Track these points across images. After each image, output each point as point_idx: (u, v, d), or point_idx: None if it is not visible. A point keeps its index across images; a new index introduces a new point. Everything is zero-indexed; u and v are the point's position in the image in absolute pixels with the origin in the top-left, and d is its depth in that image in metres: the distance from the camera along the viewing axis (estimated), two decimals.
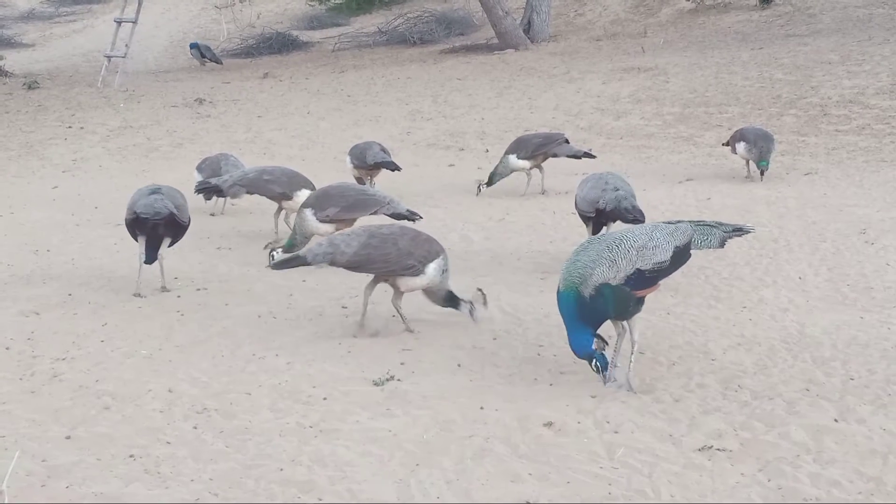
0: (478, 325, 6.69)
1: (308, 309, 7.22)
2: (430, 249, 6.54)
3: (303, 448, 4.91)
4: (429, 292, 6.66)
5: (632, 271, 5.43)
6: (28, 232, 9.88)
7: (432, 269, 6.50)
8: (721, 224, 5.97)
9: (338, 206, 8.08)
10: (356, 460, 4.77)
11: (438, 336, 6.55)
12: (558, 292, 5.56)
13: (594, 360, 5.48)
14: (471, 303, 6.67)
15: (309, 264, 6.59)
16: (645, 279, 5.51)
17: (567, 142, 11.43)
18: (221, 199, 10.85)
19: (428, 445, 4.92)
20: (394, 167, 11.11)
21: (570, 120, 15.90)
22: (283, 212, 9.37)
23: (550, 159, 11.50)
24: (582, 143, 14.54)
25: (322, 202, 8.12)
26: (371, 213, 8.22)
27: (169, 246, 7.76)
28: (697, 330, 6.61)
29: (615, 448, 4.85)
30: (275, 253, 8.08)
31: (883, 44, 17.62)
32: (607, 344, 5.57)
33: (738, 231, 5.95)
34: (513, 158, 11.22)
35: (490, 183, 11.36)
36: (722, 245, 5.88)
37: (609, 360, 5.60)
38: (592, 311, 5.46)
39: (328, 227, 8.05)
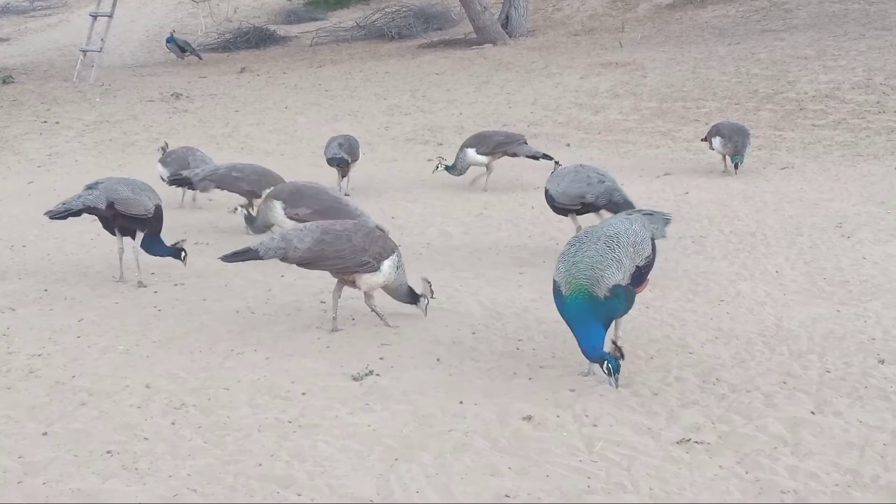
0: (455, 320, 6.69)
1: (286, 304, 7.20)
2: (384, 246, 6.52)
3: (282, 443, 4.89)
4: (389, 289, 6.64)
5: (633, 269, 5.47)
6: (3, 227, 9.80)
7: (387, 265, 6.48)
8: (652, 211, 6.14)
9: (310, 208, 8.06)
10: (335, 455, 4.76)
11: (417, 331, 6.54)
12: (562, 296, 5.44)
13: (606, 363, 5.34)
14: (424, 296, 6.70)
15: (261, 258, 6.52)
16: (640, 275, 5.59)
17: (526, 143, 11.44)
18: (190, 193, 10.84)
19: (407, 440, 4.91)
20: (341, 163, 11.15)
21: (548, 115, 15.92)
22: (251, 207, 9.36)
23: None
24: (560, 138, 14.60)
25: (295, 199, 8.11)
26: None
27: (147, 236, 7.74)
28: (675, 323, 6.63)
29: (594, 441, 4.86)
30: (245, 212, 8.28)
31: (858, 39, 17.73)
32: (622, 356, 5.39)
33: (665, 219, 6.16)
34: (471, 152, 11.30)
35: (448, 170, 11.38)
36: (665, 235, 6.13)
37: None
38: (606, 312, 5.42)
39: (293, 224, 8.07)
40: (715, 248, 8.58)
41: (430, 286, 6.71)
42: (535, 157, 11.42)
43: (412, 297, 6.73)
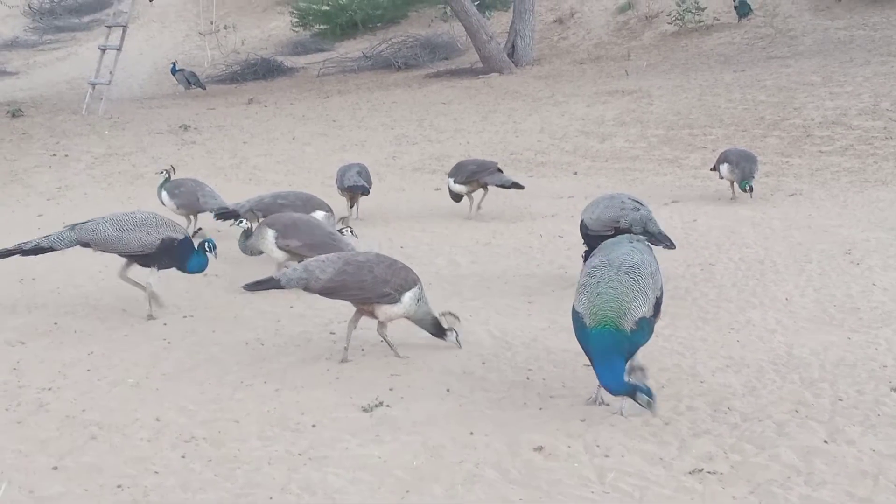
0: (465, 350, 6.69)
1: (296, 335, 7.20)
2: (406, 278, 6.53)
3: (292, 476, 4.88)
4: (416, 320, 6.64)
5: (654, 300, 5.45)
6: (13, 260, 9.78)
7: (408, 297, 6.49)
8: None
9: (301, 241, 8.11)
10: (346, 488, 4.74)
11: (427, 361, 6.53)
12: (586, 328, 5.33)
13: (640, 394, 5.21)
14: (453, 330, 6.69)
15: (283, 287, 6.60)
16: (658, 306, 5.56)
17: (500, 171, 11.43)
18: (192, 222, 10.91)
19: (418, 472, 4.90)
20: (364, 191, 11.31)
21: (555, 143, 15.95)
22: None
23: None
24: (567, 166, 14.61)
25: (288, 230, 8.16)
26: None
27: (159, 269, 7.78)
28: (685, 352, 6.61)
29: (606, 472, 4.83)
30: (246, 226, 8.36)
31: (864, 65, 17.76)
32: (645, 368, 5.33)
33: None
34: (451, 182, 11.35)
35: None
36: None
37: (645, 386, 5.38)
38: (630, 346, 5.34)
39: (281, 255, 8.12)
40: (724, 275, 8.57)
41: (455, 316, 6.68)
42: (504, 186, 11.33)
43: (438, 330, 6.71)
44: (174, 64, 24.98)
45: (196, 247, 7.83)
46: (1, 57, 32.42)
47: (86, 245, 7.75)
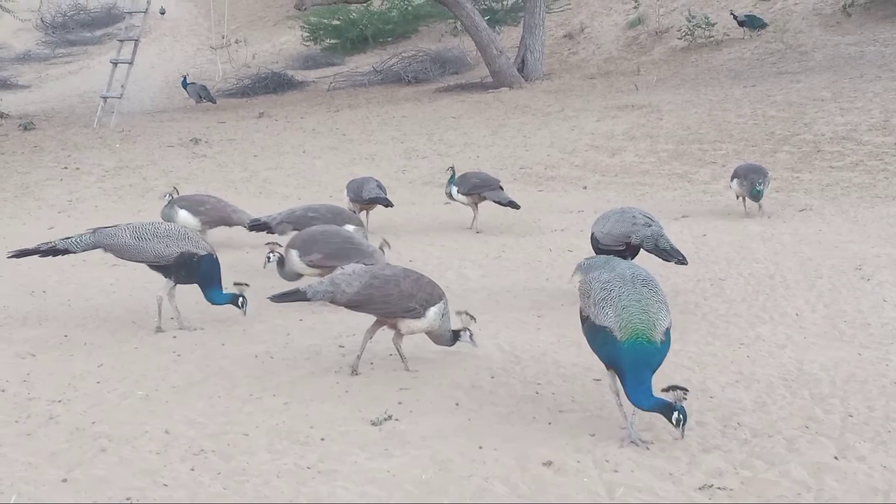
0: (474, 364, 6.68)
1: (305, 348, 7.20)
2: (431, 293, 6.54)
3: (301, 490, 4.88)
4: (432, 335, 6.64)
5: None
6: (24, 273, 9.86)
7: (433, 312, 6.50)
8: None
9: (321, 252, 8.14)
10: (355, 501, 4.74)
11: (436, 375, 6.53)
12: (617, 342, 5.19)
13: (676, 413, 5.09)
14: (467, 330, 6.65)
15: (309, 300, 6.63)
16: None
17: (501, 188, 11.53)
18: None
19: (427, 486, 4.89)
20: (387, 203, 11.31)
21: (564, 157, 15.97)
22: None
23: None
24: (577, 181, 14.62)
25: (307, 246, 8.19)
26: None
27: (177, 283, 7.77)
28: (695, 367, 6.59)
29: (615, 487, 4.82)
30: (277, 256, 8.24)
31: (874, 81, 17.75)
32: (687, 391, 5.19)
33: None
34: (454, 189, 11.43)
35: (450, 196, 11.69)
36: None
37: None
38: (660, 358, 5.26)
39: (312, 271, 8.11)
40: (734, 290, 8.56)
41: (470, 316, 6.65)
42: (501, 203, 11.43)
43: (454, 340, 6.68)
44: (185, 77, 25.10)
45: (229, 294, 7.77)
46: (13, 70, 32.63)
47: (105, 249, 7.76)
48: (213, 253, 7.80)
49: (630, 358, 5.17)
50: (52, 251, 7.86)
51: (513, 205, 11.39)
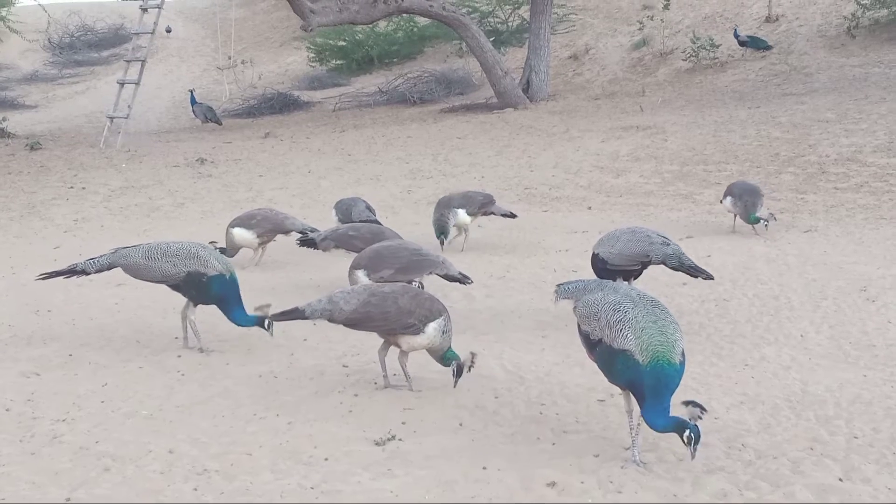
0: (478, 384, 6.67)
1: (309, 368, 7.20)
2: (431, 309, 6.53)
3: None
4: (432, 352, 6.63)
5: None
6: (29, 292, 9.88)
7: (432, 328, 6.48)
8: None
9: (392, 268, 8.11)
10: None
11: (440, 395, 6.53)
12: (640, 365, 5.09)
13: (688, 432, 5.00)
14: (454, 363, 6.52)
15: (307, 318, 6.65)
16: None
17: (495, 202, 11.83)
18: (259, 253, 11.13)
19: None
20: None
21: (569, 178, 15.99)
22: None
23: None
24: (582, 201, 14.63)
25: (375, 263, 8.15)
26: (425, 275, 8.27)
27: (195, 303, 7.76)
28: (699, 388, 6.58)
29: None
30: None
31: (879, 102, 17.78)
32: (705, 410, 5.13)
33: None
34: (462, 213, 11.37)
35: (444, 236, 11.46)
36: None
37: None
38: (680, 379, 5.18)
39: None
40: (738, 311, 8.55)
41: (473, 358, 6.51)
42: (505, 215, 11.84)
43: (447, 363, 6.62)
44: (192, 92, 25.15)
45: (253, 316, 7.59)
46: (21, 90, 32.77)
47: (123, 269, 7.81)
48: (225, 273, 7.63)
49: (652, 381, 5.09)
50: (71, 271, 7.89)
51: (512, 215, 11.81)
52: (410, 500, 4.94)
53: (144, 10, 23.16)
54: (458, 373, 6.50)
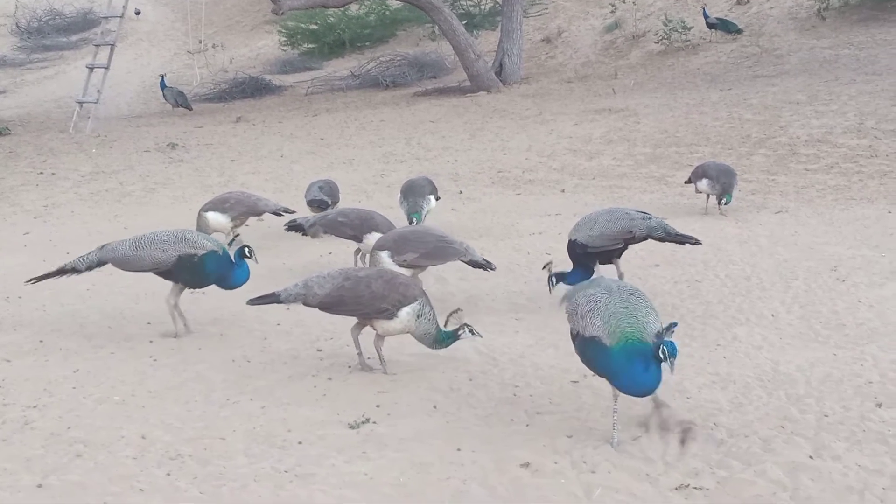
0: (451, 366, 6.68)
1: (282, 352, 7.19)
2: (405, 294, 6.51)
3: (278, 493, 4.87)
4: (418, 337, 6.60)
5: None
6: None
7: (406, 312, 6.47)
8: None
9: (416, 251, 8.07)
10: None
11: (414, 378, 6.53)
12: (606, 349, 5.12)
13: (662, 347, 4.99)
14: (464, 326, 6.52)
15: (282, 302, 6.67)
16: None
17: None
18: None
19: (405, 489, 4.89)
20: (325, 206, 11.41)
21: (542, 161, 16.00)
22: (360, 252, 9.59)
23: None
24: (555, 184, 14.64)
25: (400, 246, 8.10)
26: (449, 261, 8.25)
27: (188, 287, 7.73)
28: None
29: (592, 488, 4.84)
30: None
31: (849, 84, 17.89)
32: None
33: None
34: (432, 199, 11.30)
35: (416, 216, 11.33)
36: None
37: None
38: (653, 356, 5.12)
39: (403, 272, 8.04)
40: (710, 292, 8.60)
41: (455, 314, 6.50)
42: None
43: (451, 340, 6.56)
44: (163, 77, 24.91)
45: (234, 258, 7.62)
46: None
47: (112, 263, 7.71)
48: (217, 249, 7.60)
49: (620, 361, 5.10)
50: (65, 271, 7.80)
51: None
52: (385, 483, 4.95)
53: None
54: (472, 331, 6.50)
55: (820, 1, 23.00)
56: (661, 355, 5.01)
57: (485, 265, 8.26)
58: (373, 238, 9.01)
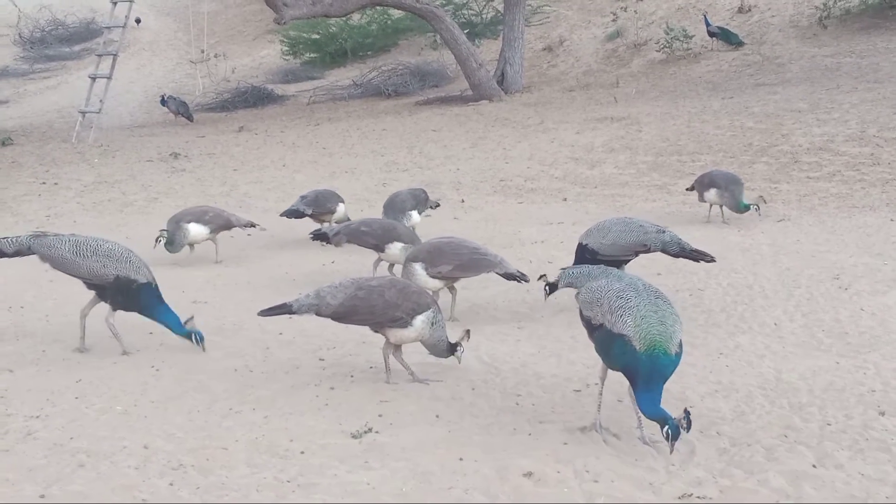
0: (454, 375, 6.68)
1: (284, 361, 7.18)
2: (418, 302, 6.53)
3: (281, 503, 4.86)
4: (426, 345, 6.64)
5: None
6: (1, 288, 9.80)
7: (420, 321, 6.49)
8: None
9: (451, 264, 8.08)
10: None
11: (417, 387, 6.53)
12: (637, 352, 5.19)
13: (667, 427, 5.08)
14: (460, 346, 6.70)
15: (294, 313, 6.66)
16: None
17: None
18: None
19: (407, 498, 4.88)
20: (298, 216, 11.62)
21: (544, 169, 16.01)
22: (380, 261, 9.61)
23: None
24: (557, 193, 14.66)
25: (434, 258, 8.10)
26: (483, 273, 8.25)
27: (115, 309, 7.46)
28: (674, 376, 6.56)
29: (595, 497, 4.83)
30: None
31: (851, 92, 17.89)
32: (688, 427, 5.12)
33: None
34: (414, 214, 11.28)
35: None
36: None
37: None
38: (674, 369, 5.30)
39: (437, 283, 8.06)
40: (713, 300, 8.59)
41: (467, 333, 6.69)
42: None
43: (450, 351, 6.70)
44: (163, 97, 24.93)
45: (184, 325, 7.44)
46: None
47: (42, 259, 7.45)
48: (152, 282, 7.41)
49: (647, 368, 5.21)
50: None
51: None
52: (387, 492, 4.94)
53: (115, 2, 23.00)
54: (468, 336, 6.70)
55: (821, 9, 23.02)
56: (665, 436, 5.11)
57: (519, 277, 8.24)
58: (395, 248, 9.08)
